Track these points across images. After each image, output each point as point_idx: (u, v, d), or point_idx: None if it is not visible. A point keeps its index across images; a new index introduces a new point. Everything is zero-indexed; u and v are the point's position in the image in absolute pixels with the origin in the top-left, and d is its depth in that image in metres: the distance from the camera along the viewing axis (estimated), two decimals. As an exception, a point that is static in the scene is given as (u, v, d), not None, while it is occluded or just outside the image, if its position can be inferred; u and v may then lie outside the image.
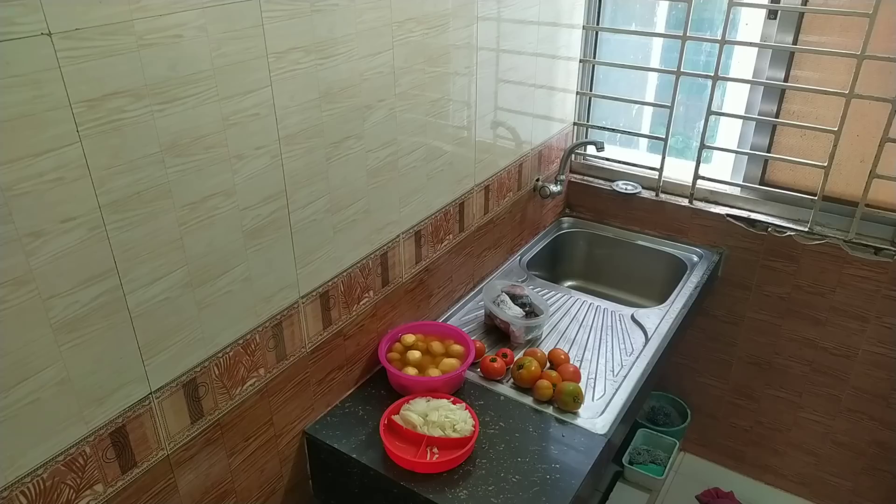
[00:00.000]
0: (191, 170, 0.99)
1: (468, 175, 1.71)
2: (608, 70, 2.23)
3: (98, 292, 0.91)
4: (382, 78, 1.31)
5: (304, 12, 1.09)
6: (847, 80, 1.72)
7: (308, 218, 1.24)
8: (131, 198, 0.91)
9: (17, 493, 0.88)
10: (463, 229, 1.76)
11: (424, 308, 1.70)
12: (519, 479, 1.28)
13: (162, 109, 0.92)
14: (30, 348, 0.85)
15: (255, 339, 1.20)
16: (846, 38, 1.77)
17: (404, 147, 1.43)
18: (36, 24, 0.76)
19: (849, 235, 1.86)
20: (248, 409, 1.23)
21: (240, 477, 1.26)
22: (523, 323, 1.65)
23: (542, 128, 2.04)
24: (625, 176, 2.23)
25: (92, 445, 0.96)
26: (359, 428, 1.40)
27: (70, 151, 0.83)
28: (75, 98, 0.81)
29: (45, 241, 0.83)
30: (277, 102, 1.10)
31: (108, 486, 1.00)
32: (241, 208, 1.09)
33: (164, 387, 1.05)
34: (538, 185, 2.08)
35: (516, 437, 1.38)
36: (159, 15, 0.88)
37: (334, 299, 1.37)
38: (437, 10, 1.40)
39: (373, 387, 1.52)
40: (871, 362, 1.97)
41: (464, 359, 1.50)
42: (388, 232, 1.48)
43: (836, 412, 2.08)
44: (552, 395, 1.46)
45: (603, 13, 2.12)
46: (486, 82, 1.67)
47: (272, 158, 1.12)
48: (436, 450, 1.31)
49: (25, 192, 0.79)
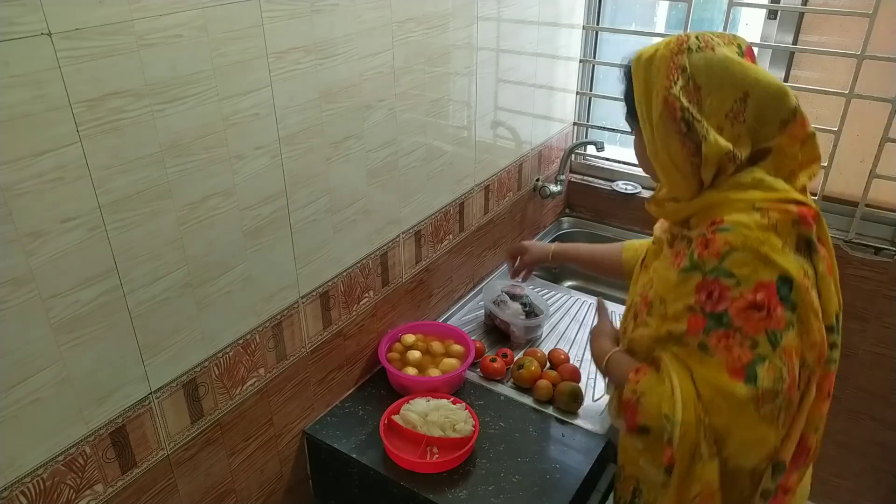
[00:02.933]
0: (191, 170, 0.99)
1: (468, 175, 1.71)
2: (608, 70, 2.23)
3: (98, 292, 0.91)
4: (382, 78, 1.31)
5: (304, 12, 1.09)
6: (847, 80, 1.72)
7: (308, 218, 1.24)
8: (131, 198, 0.91)
9: (17, 493, 0.88)
10: (463, 229, 1.76)
11: (424, 308, 1.70)
12: (519, 479, 1.28)
13: (162, 109, 0.92)
14: (30, 348, 0.85)
15: (255, 339, 1.20)
16: (846, 38, 1.77)
17: (404, 147, 1.43)
18: (36, 24, 0.76)
19: (849, 235, 1.86)
20: (248, 409, 1.23)
21: (240, 477, 1.26)
22: (523, 323, 1.65)
23: (542, 128, 2.04)
24: (625, 176, 2.23)
25: (92, 445, 0.96)
26: (359, 428, 1.40)
27: (70, 151, 0.83)
28: (75, 98, 0.81)
29: (45, 241, 0.83)
30: (277, 102, 1.10)
31: (108, 486, 1.00)
32: (241, 208, 1.09)
33: (164, 387, 1.05)
34: (538, 185, 2.08)
35: (516, 437, 1.38)
36: (159, 15, 0.88)
37: (334, 299, 1.37)
38: (437, 10, 1.40)
39: (373, 387, 1.52)
40: (871, 362, 1.97)
41: (464, 359, 1.50)
42: (388, 232, 1.48)
43: (836, 412, 2.08)
44: (552, 395, 1.46)
45: (603, 13, 2.12)
46: (486, 82, 1.67)
47: (272, 158, 1.12)
48: (436, 450, 1.31)
49: (25, 192, 0.79)
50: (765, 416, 0.89)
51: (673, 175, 0.98)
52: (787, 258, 0.89)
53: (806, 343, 0.91)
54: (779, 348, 0.88)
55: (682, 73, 0.93)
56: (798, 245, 0.91)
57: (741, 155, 0.94)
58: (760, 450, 0.93)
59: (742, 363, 0.88)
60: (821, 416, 0.99)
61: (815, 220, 0.92)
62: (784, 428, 0.93)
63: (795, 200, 0.92)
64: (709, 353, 0.91)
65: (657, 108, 0.95)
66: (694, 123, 0.92)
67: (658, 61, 0.95)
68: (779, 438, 0.93)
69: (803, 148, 0.96)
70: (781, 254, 0.89)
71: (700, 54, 0.94)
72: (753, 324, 0.88)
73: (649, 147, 0.99)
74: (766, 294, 0.88)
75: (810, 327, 0.90)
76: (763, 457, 0.94)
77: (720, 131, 0.93)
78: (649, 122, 0.97)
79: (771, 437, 0.91)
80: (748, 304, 0.88)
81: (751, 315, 0.88)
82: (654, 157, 0.99)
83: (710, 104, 0.93)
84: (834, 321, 0.94)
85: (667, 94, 0.93)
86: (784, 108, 0.94)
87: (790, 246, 0.90)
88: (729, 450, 0.92)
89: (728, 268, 0.89)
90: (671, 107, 0.93)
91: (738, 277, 0.89)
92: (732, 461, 0.93)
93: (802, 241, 0.91)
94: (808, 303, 0.90)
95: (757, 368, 0.88)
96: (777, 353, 0.88)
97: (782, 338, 0.88)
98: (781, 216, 0.90)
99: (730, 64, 0.93)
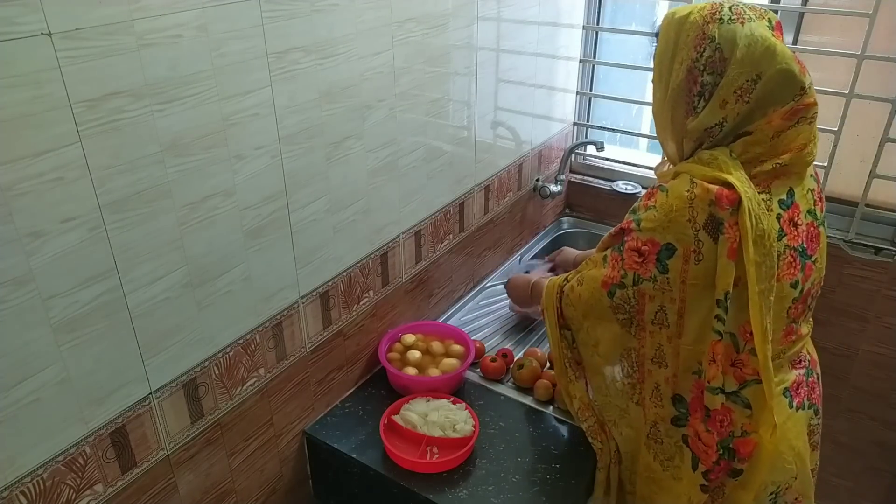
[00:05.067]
0: (191, 170, 0.99)
1: (468, 175, 1.71)
2: (608, 70, 2.23)
3: (98, 292, 0.91)
4: (382, 78, 1.31)
5: (304, 12, 1.09)
6: (847, 80, 1.72)
7: (308, 218, 1.24)
8: (131, 198, 0.91)
9: (17, 493, 0.88)
10: (463, 229, 1.76)
11: (424, 308, 1.70)
12: (519, 479, 1.28)
13: (162, 109, 0.92)
14: (30, 348, 0.85)
15: (255, 339, 1.20)
16: (846, 38, 1.77)
17: (404, 147, 1.43)
18: (36, 24, 0.76)
19: (849, 235, 1.86)
20: (248, 409, 1.23)
21: (240, 477, 1.26)
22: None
23: (542, 128, 2.04)
24: (625, 176, 2.23)
25: (92, 445, 0.96)
26: (359, 428, 1.40)
27: (70, 151, 0.83)
28: (75, 98, 0.81)
29: (45, 241, 0.83)
30: (277, 102, 1.10)
31: (108, 486, 1.00)
32: (241, 208, 1.09)
33: (164, 387, 1.05)
34: (538, 185, 2.08)
35: (516, 437, 1.38)
36: (159, 15, 0.88)
37: (334, 299, 1.37)
38: (437, 10, 1.40)
39: (373, 387, 1.52)
40: (871, 362, 1.97)
41: (464, 359, 1.50)
42: (388, 232, 1.48)
43: (836, 412, 2.08)
44: (552, 395, 1.46)
45: (603, 13, 2.12)
46: (486, 82, 1.67)
47: (272, 158, 1.12)
48: (436, 450, 1.31)
49: (25, 192, 0.79)
50: (619, 319, 1.18)
51: (667, 138, 1.14)
52: (684, 232, 1.05)
53: (667, 297, 1.11)
54: (636, 287, 1.13)
55: (710, 43, 1.01)
56: (707, 222, 1.04)
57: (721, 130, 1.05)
58: (617, 346, 1.21)
59: (613, 281, 1.16)
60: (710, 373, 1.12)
61: (732, 205, 1.01)
62: (633, 335, 1.18)
63: (724, 182, 1.02)
64: (604, 264, 1.18)
65: (679, 75, 1.05)
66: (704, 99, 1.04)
67: (689, 27, 1.03)
68: (629, 338, 1.19)
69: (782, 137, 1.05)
70: (681, 226, 1.05)
71: (730, 26, 1.00)
72: (631, 262, 1.13)
73: (656, 105, 1.13)
74: (650, 249, 1.09)
75: (672, 286, 1.10)
76: (621, 352, 1.21)
77: (724, 105, 1.03)
78: (666, 83, 1.08)
79: (619, 332, 1.19)
80: (636, 247, 1.11)
81: (632, 255, 1.12)
82: (658, 115, 1.13)
83: (727, 77, 1.01)
84: (722, 297, 1.05)
85: (692, 64, 1.03)
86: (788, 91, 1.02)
87: (699, 221, 1.04)
88: (598, 348, 1.24)
89: (641, 217, 1.11)
90: (693, 78, 1.03)
91: (642, 227, 1.10)
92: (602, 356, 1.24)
93: (711, 220, 1.04)
94: (679, 271, 1.07)
95: (617, 290, 1.15)
96: (633, 289, 1.13)
97: (642, 282, 1.12)
98: (702, 193, 1.03)
99: (753, 42, 1.00)
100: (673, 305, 1.11)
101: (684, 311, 1.11)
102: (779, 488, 1.19)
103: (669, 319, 1.12)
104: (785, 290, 1.10)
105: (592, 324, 1.23)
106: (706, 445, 1.14)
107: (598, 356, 1.26)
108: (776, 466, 1.16)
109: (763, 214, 1.03)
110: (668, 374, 1.17)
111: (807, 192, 1.15)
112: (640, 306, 1.14)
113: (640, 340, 1.18)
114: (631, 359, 1.21)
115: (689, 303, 1.09)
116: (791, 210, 1.10)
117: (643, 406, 1.23)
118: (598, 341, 1.23)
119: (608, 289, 1.16)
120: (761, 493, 1.18)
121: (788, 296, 1.11)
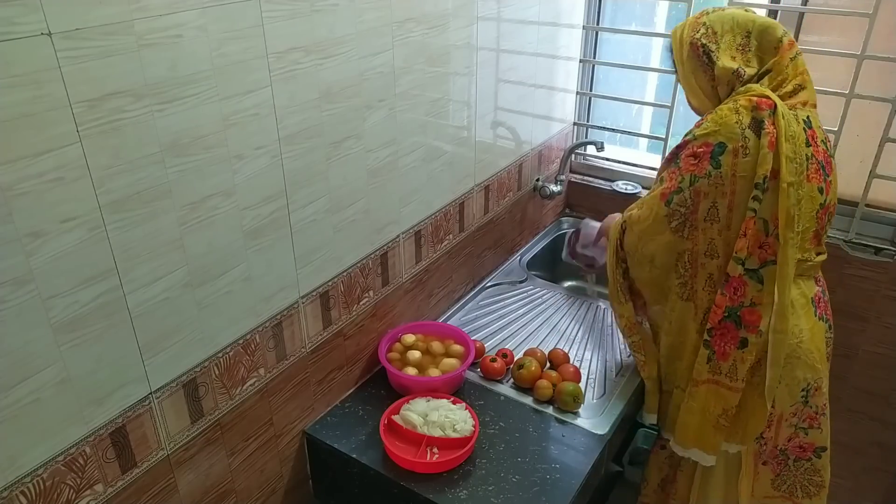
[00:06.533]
0: (191, 170, 0.99)
1: (468, 175, 1.71)
2: (608, 70, 2.23)
3: (98, 292, 0.91)
4: (382, 78, 1.31)
5: (304, 12, 1.09)
6: (847, 80, 1.72)
7: (308, 218, 1.24)
8: (131, 198, 0.91)
9: (17, 493, 0.88)
10: (463, 229, 1.76)
11: (424, 308, 1.70)
12: (519, 479, 1.28)
13: (162, 109, 0.92)
14: (30, 348, 0.85)
15: (255, 339, 1.20)
16: (846, 38, 1.77)
17: (404, 147, 1.43)
18: (36, 24, 0.76)
19: (849, 235, 1.86)
20: (248, 409, 1.23)
21: (240, 477, 1.26)
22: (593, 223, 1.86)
23: (542, 128, 2.04)
24: (625, 176, 2.23)
25: (92, 445, 0.96)
26: (359, 428, 1.40)
27: (70, 151, 0.83)
28: (75, 98, 0.81)
29: (45, 241, 0.83)
30: (277, 102, 1.10)
31: (108, 486, 1.00)
32: (241, 208, 1.09)
33: (164, 387, 1.05)
34: (538, 185, 2.08)
35: (516, 437, 1.38)
36: (159, 15, 0.88)
37: (334, 299, 1.37)
38: (437, 10, 1.40)
39: (373, 387, 1.52)
40: (871, 362, 1.97)
41: (464, 359, 1.50)
42: (388, 232, 1.48)
43: (836, 412, 2.08)
44: (552, 395, 1.46)
45: (603, 13, 2.12)
46: (486, 82, 1.67)
47: (272, 158, 1.12)
48: (436, 450, 1.31)
49: (25, 192, 0.79)
50: (672, 227, 1.36)
51: (699, 96, 1.41)
52: (732, 131, 1.26)
53: (719, 192, 1.29)
54: (692, 188, 1.31)
55: (703, 26, 1.36)
56: (751, 122, 1.26)
57: (745, 72, 1.31)
58: (671, 252, 1.39)
59: (671, 190, 1.34)
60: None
61: (770, 108, 1.26)
62: (685, 238, 1.36)
63: (761, 94, 1.28)
64: (660, 184, 1.38)
65: (686, 51, 1.38)
66: (710, 55, 1.34)
67: (688, 24, 1.40)
68: (681, 242, 1.37)
69: (792, 63, 1.32)
70: (730, 127, 1.27)
71: (715, 13, 1.37)
72: (687, 166, 1.32)
73: (683, 81, 1.42)
74: (704, 151, 1.29)
75: (724, 180, 1.29)
76: (675, 257, 1.39)
77: (733, 59, 1.33)
78: (681, 62, 1.40)
79: (672, 240, 1.37)
80: (692, 152, 1.31)
81: (689, 160, 1.32)
82: (686, 84, 1.42)
83: (725, 41, 1.34)
84: (761, 180, 1.25)
85: (692, 39, 1.36)
86: (773, 37, 1.32)
87: (744, 122, 1.26)
88: (655, 260, 1.42)
89: (695, 131, 1.32)
90: (695, 47, 1.36)
91: (696, 135, 1.31)
92: (659, 266, 1.42)
93: (754, 121, 1.26)
94: (729, 164, 1.27)
95: (674, 196, 1.34)
96: (689, 190, 1.31)
97: (697, 180, 1.30)
98: (745, 102, 1.28)
99: (734, 13, 1.36)
100: (724, 199, 1.29)
101: (733, 205, 1.29)
102: (809, 386, 1.38)
103: (720, 213, 1.30)
104: (814, 192, 1.30)
105: (645, 242, 1.41)
106: (717, 306, 1.34)
107: (655, 268, 1.42)
108: (807, 363, 1.36)
109: (792, 120, 1.27)
110: (721, 262, 1.34)
111: (818, 128, 1.36)
112: (694, 206, 1.32)
113: (693, 240, 1.35)
114: (684, 259, 1.38)
115: (737, 195, 1.28)
116: (811, 130, 1.32)
117: (693, 300, 1.40)
118: (654, 255, 1.41)
119: (666, 198, 1.34)
120: (794, 388, 1.38)
121: (816, 199, 1.31)
